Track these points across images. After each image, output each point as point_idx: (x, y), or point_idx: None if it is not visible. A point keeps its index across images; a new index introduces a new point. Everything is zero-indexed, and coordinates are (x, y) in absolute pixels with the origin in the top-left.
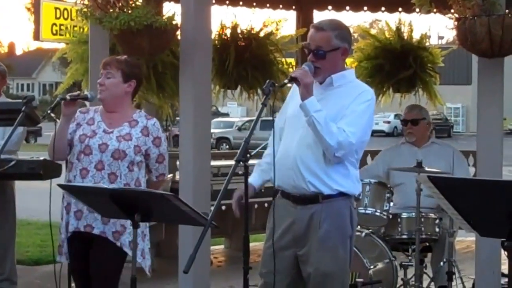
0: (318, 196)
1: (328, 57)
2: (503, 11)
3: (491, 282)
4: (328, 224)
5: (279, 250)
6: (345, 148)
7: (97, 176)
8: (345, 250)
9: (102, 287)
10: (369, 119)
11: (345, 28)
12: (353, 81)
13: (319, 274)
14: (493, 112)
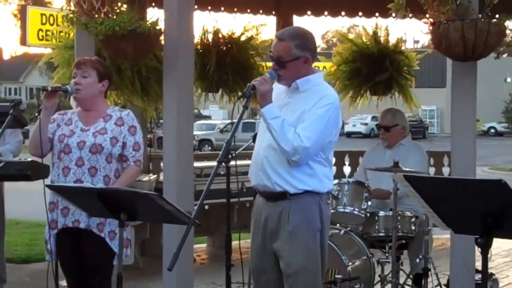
0: (285, 194)
1: (289, 66)
2: (476, 16)
3: (465, 278)
4: (296, 219)
5: (260, 246)
6: (300, 153)
7: (78, 172)
8: (315, 244)
9: (97, 278)
10: (328, 123)
11: (307, 37)
12: (318, 84)
13: (291, 267)
14: (467, 114)
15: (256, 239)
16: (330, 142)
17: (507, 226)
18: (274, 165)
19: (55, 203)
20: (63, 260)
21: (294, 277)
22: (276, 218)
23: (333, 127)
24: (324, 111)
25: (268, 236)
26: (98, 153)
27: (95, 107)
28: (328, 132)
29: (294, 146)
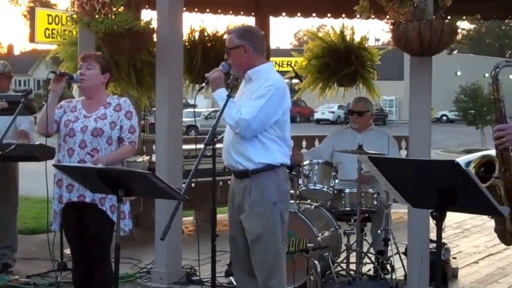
0: (247, 172)
1: (232, 54)
2: (431, 17)
3: (421, 247)
4: (255, 194)
5: (231, 217)
6: (240, 125)
7: (81, 153)
8: (272, 215)
9: (98, 248)
10: (270, 101)
11: (247, 30)
12: (266, 73)
13: (251, 235)
14: (422, 103)
15: (229, 211)
16: (278, 120)
17: (459, 201)
18: (234, 145)
19: (61, 180)
20: (68, 231)
21: (254, 243)
22: (241, 193)
23: (277, 106)
24: (265, 91)
25: (236, 209)
26: (99, 136)
27: (97, 96)
28: (271, 110)
29: (235, 120)
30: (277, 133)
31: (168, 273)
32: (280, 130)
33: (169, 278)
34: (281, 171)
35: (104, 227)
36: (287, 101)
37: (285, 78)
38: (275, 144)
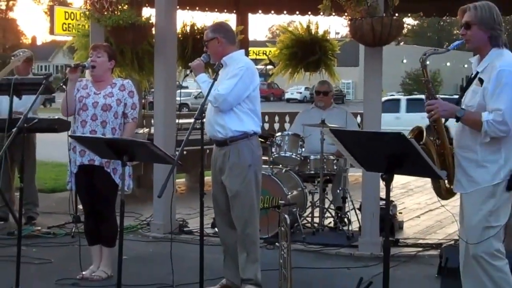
0: (226, 140)
1: (209, 45)
2: (382, 14)
3: (372, 204)
4: (233, 158)
5: (214, 178)
6: (218, 99)
7: (93, 124)
8: (247, 175)
9: (105, 204)
10: (242, 79)
11: (219, 25)
12: (238, 59)
13: (230, 192)
14: (375, 85)
15: (212, 174)
16: (250, 95)
17: (404, 166)
18: (215, 118)
19: (75, 147)
20: (80, 190)
21: (233, 199)
22: (221, 159)
23: (249, 83)
24: (237, 71)
25: (217, 171)
26: (108, 111)
27: (105, 79)
28: (243, 86)
29: (214, 96)
30: (249, 106)
31: (164, 225)
32: (252, 104)
33: (165, 229)
34: (254, 139)
35: (109, 187)
36: (256, 80)
37: (261, 65)
38: (248, 116)
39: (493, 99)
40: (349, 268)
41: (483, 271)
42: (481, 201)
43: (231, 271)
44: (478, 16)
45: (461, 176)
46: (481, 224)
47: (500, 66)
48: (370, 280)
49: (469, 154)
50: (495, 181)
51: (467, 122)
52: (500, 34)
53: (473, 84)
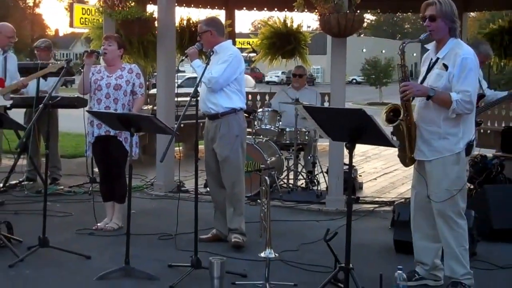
0: (218, 114)
1: (202, 37)
2: (346, 10)
3: (337, 168)
4: (224, 129)
5: (207, 147)
6: (211, 81)
7: (107, 102)
8: (235, 143)
9: (117, 167)
10: (231, 64)
11: (212, 20)
12: (227, 47)
13: (221, 158)
14: (339, 70)
15: (204, 143)
16: (237, 78)
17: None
18: (208, 97)
19: (93, 121)
20: (96, 156)
21: (223, 163)
22: (213, 130)
23: (236, 67)
24: (227, 57)
25: (209, 141)
26: (118, 90)
27: (115, 64)
28: (232, 70)
29: (208, 78)
30: (237, 87)
31: (165, 185)
32: (239, 85)
33: (166, 188)
34: (240, 114)
35: (120, 153)
36: (242, 65)
37: (245, 53)
38: (236, 94)
39: (459, 82)
40: (318, 221)
41: (448, 228)
42: (447, 168)
43: (220, 222)
44: (443, 10)
45: (423, 146)
46: (451, 188)
47: (463, 54)
48: (336, 231)
49: (432, 128)
50: (456, 150)
51: (437, 101)
52: (457, 26)
53: (436, 68)
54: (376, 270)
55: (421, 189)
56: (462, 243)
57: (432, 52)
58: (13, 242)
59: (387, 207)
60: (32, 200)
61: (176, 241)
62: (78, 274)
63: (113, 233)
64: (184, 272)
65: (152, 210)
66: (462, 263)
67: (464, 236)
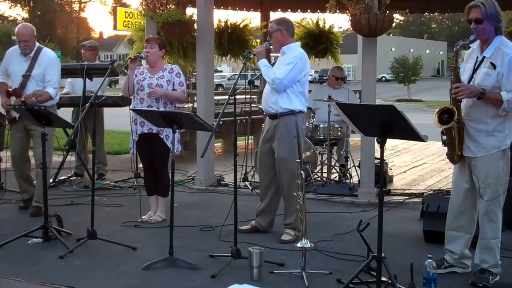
0: (277, 115)
1: (272, 36)
2: (376, 11)
3: (369, 162)
4: (282, 130)
5: (263, 144)
6: (275, 82)
7: (149, 101)
8: (292, 144)
9: (159, 163)
10: (295, 66)
11: (283, 20)
12: (294, 49)
13: (278, 157)
14: (370, 68)
15: (261, 139)
16: (300, 80)
17: (394, 131)
18: (269, 97)
19: (136, 120)
20: (141, 152)
21: (280, 162)
22: (272, 129)
23: (301, 69)
24: (293, 59)
25: (267, 139)
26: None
27: (157, 65)
28: (296, 72)
29: (272, 78)
30: (299, 89)
31: (206, 179)
32: (302, 87)
33: (206, 182)
34: (300, 115)
35: (163, 149)
36: (307, 67)
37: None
38: (297, 97)
39: (509, 82)
40: (351, 212)
41: (488, 220)
42: (493, 163)
43: (261, 215)
44: (488, 12)
45: (470, 143)
46: (496, 182)
47: (510, 53)
48: (368, 221)
49: (479, 125)
50: (503, 147)
51: (488, 100)
52: (503, 25)
53: (483, 67)
54: (407, 259)
55: (461, 182)
56: (497, 234)
57: (477, 50)
58: (63, 234)
59: (416, 198)
60: (81, 194)
61: (218, 232)
62: (125, 264)
63: (157, 225)
64: (225, 262)
65: (194, 203)
66: (494, 254)
67: (499, 229)
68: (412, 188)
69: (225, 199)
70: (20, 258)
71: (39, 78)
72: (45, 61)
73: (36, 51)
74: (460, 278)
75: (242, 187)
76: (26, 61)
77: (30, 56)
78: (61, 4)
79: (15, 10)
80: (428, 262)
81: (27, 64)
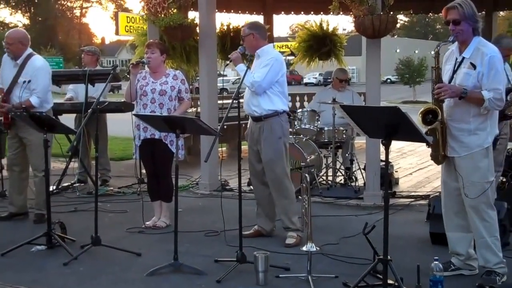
0: (261, 117)
1: (245, 40)
2: (380, 12)
3: (374, 164)
4: (267, 131)
5: (250, 147)
6: (254, 85)
7: (152, 106)
8: (278, 145)
9: (163, 168)
10: (272, 68)
11: (254, 24)
12: (268, 51)
13: (265, 159)
14: (374, 70)
15: (248, 144)
16: (278, 80)
17: (399, 133)
18: (251, 100)
19: (139, 125)
20: (144, 158)
21: (267, 164)
22: (257, 132)
23: (278, 70)
24: (269, 61)
25: (253, 141)
26: (163, 95)
27: (159, 70)
28: (273, 73)
29: (251, 82)
30: (279, 89)
31: (210, 184)
32: (281, 87)
33: (210, 187)
34: (283, 116)
35: (166, 155)
36: (283, 68)
37: (284, 56)
38: (278, 97)
39: (489, 81)
40: (356, 215)
41: (480, 219)
42: (477, 162)
43: (262, 219)
44: (466, 13)
45: (453, 143)
46: (482, 180)
47: (489, 52)
48: (374, 224)
49: (462, 125)
50: (486, 145)
51: (470, 100)
52: (480, 25)
53: (463, 68)
54: (413, 262)
55: (450, 182)
56: (493, 232)
57: (456, 51)
58: (67, 241)
59: (422, 201)
60: (84, 201)
61: (223, 237)
62: (129, 270)
63: (161, 231)
64: (230, 267)
65: (198, 208)
66: (494, 252)
67: (494, 226)
68: (418, 190)
69: (230, 204)
70: (24, 265)
71: (24, 85)
72: (30, 70)
73: (25, 58)
74: (467, 280)
75: (247, 191)
76: (15, 67)
77: (18, 63)
78: (62, 10)
79: (15, 17)
80: (434, 264)
81: (16, 70)
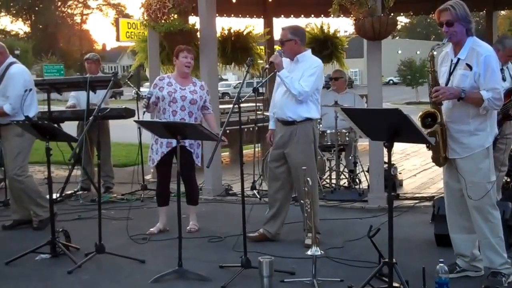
0: (294, 122)
1: (286, 45)
2: (380, 14)
3: (378, 166)
4: (300, 135)
5: (276, 148)
6: (303, 94)
7: (182, 114)
8: (309, 149)
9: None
10: (317, 77)
11: (298, 29)
12: (309, 57)
13: (295, 162)
14: (376, 72)
15: (275, 146)
16: (317, 89)
17: (401, 135)
18: (287, 104)
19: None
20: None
21: (297, 167)
22: (288, 135)
23: (320, 79)
24: (314, 70)
25: (280, 145)
26: (194, 104)
27: (188, 76)
28: (317, 82)
29: (299, 91)
30: (316, 96)
31: (213, 189)
32: (318, 95)
33: (214, 192)
34: (315, 122)
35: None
36: (323, 76)
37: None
38: (314, 105)
39: (487, 81)
40: (361, 218)
41: (484, 220)
42: (479, 162)
43: (270, 222)
44: (458, 14)
45: (454, 145)
46: (484, 180)
47: (484, 52)
48: (378, 227)
49: (461, 126)
50: (486, 145)
51: (468, 101)
52: (473, 25)
53: (459, 69)
54: (419, 264)
55: (453, 184)
56: (497, 233)
57: (450, 53)
58: (71, 249)
59: (427, 202)
60: (88, 208)
61: (227, 243)
62: (134, 277)
63: (165, 237)
64: (235, 272)
65: (202, 214)
66: (499, 252)
67: (499, 226)
68: (423, 191)
69: (234, 209)
70: (28, 274)
71: (1, 93)
72: (6, 77)
73: (6, 67)
74: (473, 282)
75: (251, 196)
76: None
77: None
78: (63, 17)
79: (16, 24)
80: (439, 266)
81: None
